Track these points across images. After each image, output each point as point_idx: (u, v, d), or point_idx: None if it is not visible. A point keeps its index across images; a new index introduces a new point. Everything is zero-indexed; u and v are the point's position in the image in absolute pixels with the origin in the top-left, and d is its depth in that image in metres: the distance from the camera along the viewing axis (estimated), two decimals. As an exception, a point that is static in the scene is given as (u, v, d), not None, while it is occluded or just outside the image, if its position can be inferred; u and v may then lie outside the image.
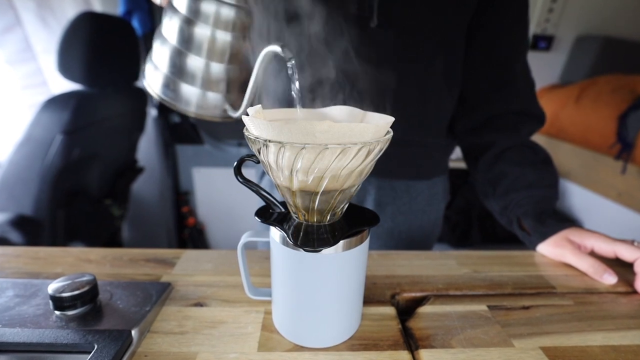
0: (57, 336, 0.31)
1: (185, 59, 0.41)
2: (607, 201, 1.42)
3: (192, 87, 0.42)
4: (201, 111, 0.44)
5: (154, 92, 0.44)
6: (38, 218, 1.02)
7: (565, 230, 0.50)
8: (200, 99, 0.43)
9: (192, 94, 0.43)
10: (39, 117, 0.97)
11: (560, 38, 1.84)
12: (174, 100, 0.43)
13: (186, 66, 0.41)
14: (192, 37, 0.40)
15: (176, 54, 0.41)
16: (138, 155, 1.45)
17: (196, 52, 0.41)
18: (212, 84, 0.43)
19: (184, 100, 0.43)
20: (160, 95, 0.43)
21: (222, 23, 0.39)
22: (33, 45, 1.25)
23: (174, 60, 0.42)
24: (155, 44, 0.43)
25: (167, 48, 0.42)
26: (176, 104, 0.43)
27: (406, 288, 0.43)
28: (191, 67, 0.41)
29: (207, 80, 0.42)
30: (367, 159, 0.27)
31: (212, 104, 0.44)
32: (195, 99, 0.43)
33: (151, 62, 0.44)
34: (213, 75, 0.42)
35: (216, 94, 0.43)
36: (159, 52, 0.43)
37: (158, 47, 0.43)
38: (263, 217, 0.32)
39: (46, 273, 0.44)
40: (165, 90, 0.43)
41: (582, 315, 0.39)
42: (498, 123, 0.58)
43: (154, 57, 0.44)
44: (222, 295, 0.40)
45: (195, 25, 0.39)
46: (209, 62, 0.41)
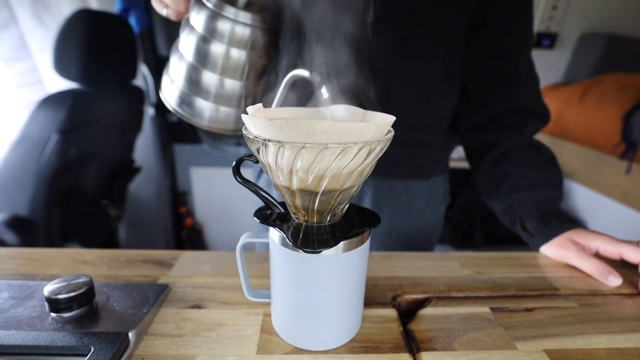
0: (53, 339, 0.31)
1: (200, 75, 0.43)
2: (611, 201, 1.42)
3: (206, 101, 0.44)
4: (213, 125, 0.46)
5: (170, 106, 0.46)
6: (33, 218, 1.02)
7: (569, 231, 0.50)
8: (213, 113, 0.45)
9: (205, 108, 0.45)
10: (35, 116, 0.97)
11: (564, 36, 1.84)
12: (189, 114, 0.45)
13: (201, 82, 0.43)
14: (208, 54, 0.42)
15: (192, 70, 0.43)
16: (135, 155, 1.45)
17: (211, 68, 0.43)
18: (225, 99, 0.44)
19: (197, 114, 0.45)
20: (176, 109, 0.45)
21: (236, 41, 0.41)
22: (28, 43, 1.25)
23: (190, 76, 0.44)
24: (173, 58, 0.45)
25: (184, 63, 0.44)
26: (191, 118, 0.45)
27: (407, 290, 0.43)
28: (205, 83, 0.43)
29: (219, 95, 0.44)
30: (368, 159, 0.27)
31: (225, 118, 0.46)
32: (208, 113, 0.45)
33: (167, 75, 0.46)
34: (226, 91, 0.44)
35: (228, 108, 0.45)
36: (176, 67, 0.45)
37: (175, 62, 0.45)
38: (262, 217, 0.32)
39: (42, 274, 0.43)
40: (180, 103, 0.45)
41: (587, 318, 0.39)
42: (502, 121, 0.58)
43: (170, 71, 0.46)
44: (221, 297, 0.40)
45: (211, 43, 0.41)
46: (222, 78, 0.43)
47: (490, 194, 0.60)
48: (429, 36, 0.52)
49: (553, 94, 1.73)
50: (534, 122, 0.58)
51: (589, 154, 1.51)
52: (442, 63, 0.54)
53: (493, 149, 0.58)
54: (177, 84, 0.45)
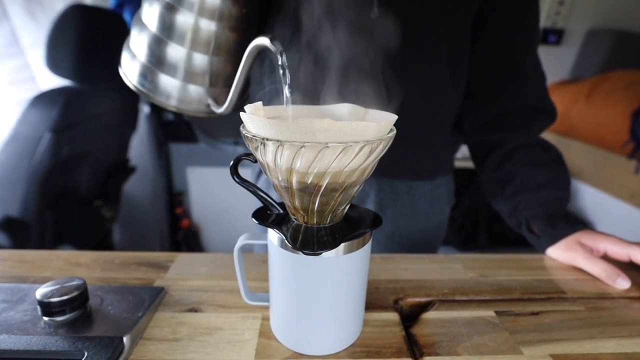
0: (46, 343, 0.31)
1: (165, 48, 0.40)
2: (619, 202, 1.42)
3: (173, 79, 0.41)
4: (183, 105, 0.43)
5: (130, 83, 0.43)
6: (25, 220, 1.02)
7: (577, 233, 0.50)
8: (182, 92, 0.42)
9: (172, 86, 0.41)
10: (27, 114, 0.97)
11: (571, 32, 1.84)
12: (152, 92, 0.42)
13: (166, 56, 0.40)
14: (174, 25, 0.39)
15: (156, 42, 0.40)
16: (130, 154, 1.45)
17: (178, 41, 0.39)
18: (195, 76, 0.41)
19: (164, 92, 0.42)
20: (137, 86, 0.42)
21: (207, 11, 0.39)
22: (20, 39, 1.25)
23: (153, 49, 0.40)
24: (134, 31, 0.42)
25: (146, 35, 0.40)
26: (155, 96, 0.42)
27: (410, 293, 0.43)
28: (172, 57, 0.40)
29: (189, 72, 0.41)
30: (370, 158, 0.27)
31: (195, 97, 0.43)
32: (176, 92, 0.42)
33: (128, 49, 0.43)
34: (196, 67, 0.41)
35: (199, 87, 0.42)
36: (137, 40, 0.41)
37: (136, 34, 0.42)
38: (260, 218, 0.32)
39: (34, 277, 0.44)
40: (142, 80, 0.42)
41: (594, 322, 0.39)
42: (508, 120, 0.58)
43: (132, 44, 0.42)
44: (218, 300, 0.40)
45: (178, 12, 0.38)
46: (191, 52, 0.40)
47: (495, 194, 0.60)
48: (433, 33, 0.52)
49: (559, 92, 1.73)
50: (540, 120, 0.58)
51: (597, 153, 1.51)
52: (447, 60, 0.54)
53: (498, 148, 0.58)
54: (139, 59, 0.42)
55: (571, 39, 1.86)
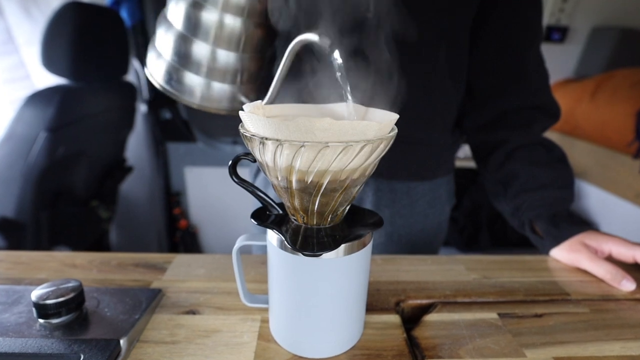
0: (41, 346, 0.31)
1: (190, 46, 0.40)
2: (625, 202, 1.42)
3: (197, 76, 0.41)
4: (206, 103, 0.43)
5: (157, 83, 0.43)
6: (20, 220, 1.02)
7: (581, 234, 0.50)
8: (205, 89, 0.42)
9: (196, 84, 0.42)
10: (22, 113, 0.97)
11: (575, 29, 1.84)
12: (178, 91, 0.42)
13: (192, 54, 0.40)
14: (199, 22, 0.39)
15: (181, 41, 0.40)
16: (127, 154, 1.45)
17: (203, 38, 0.40)
18: (219, 73, 0.42)
19: (188, 91, 0.42)
20: (164, 86, 0.43)
21: (232, 7, 0.39)
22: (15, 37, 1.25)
23: (179, 47, 0.41)
24: (159, 30, 0.42)
25: (172, 34, 0.41)
26: (180, 95, 0.42)
27: (411, 295, 0.43)
28: (197, 55, 0.40)
29: (212, 69, 0.41)
30: (370, 158, 0.27)
31: (226, 95, 0.43)
32: (199, 89, 0.42)
33: (154, 49, 0.43)
34: (220, 64, 0.41)
35: (222, 84, 0.42)
36: (163, 39, 0.42)
37: (162, 33, 0.42)
38: (259, 219, 0.32)
39: (29, 279, 0.44)
40: (169, 79, 0.42)
41: (599, 324, 0.39)
42: (510, 119, 0.58)
43: (157, 43, 0.43)
44: (216, 302, 0.40)
45: (204, 9, 0.39)
46: (215, 49, 0.40)
47: (497, 194, 0.60)
48: (432, 30, 0.52)
49: (563, 90, 1.73)
50: (543, 119, 0.58)
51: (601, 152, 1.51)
52: (446, 58, 0.54)
53: (500, 147, 0.58)
54: (164, 58, 0.42)
55: (575, 37, 1.86)
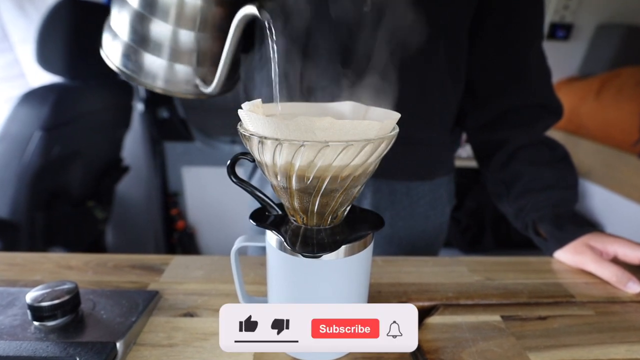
0: (36, 349, 0.31)
1: (148, 25, 0.39)
2: (630, 203, 1.42)
3: (158, 58, 0.40)
4: (170, 87, 0.42)
5: (113, 64, 0.42)
6: (15, 221, 1.02)
7: (585, 235, 0.50)
8: (168, 72, 0.41)
9: (158, 66, 0.41)
10: (16, 112, 0.97)
11: (580, 27, 1.84)
12: (136, 74, 0.41)
13: (150, 33, 0.39)
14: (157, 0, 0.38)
15: (138, 19, 0.39)
16: (123, 154, 1.45)
17: (162, 16, 0.38)
18: (181, 54, 0.40)
19: (149, 73, 0.41)
20: (120, 68, 0.41)
21: None
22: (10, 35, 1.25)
23: (136, 27, 0.39)
24: (114, 9, 0.41)
25: (128, 12, 0.39)
26: (139, 78, 0.41)
27: (413, 297, 0.43)
28: (156, 35, 0.39)
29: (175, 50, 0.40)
30: (371, 158, 0.27)
31: (182, 78, 0.42)
32: (162, 72, 0.41)
33: (109, 29, 0.42)
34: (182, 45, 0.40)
35: (186, 66, 0.41)
36: (119, 18, 0.40)
37: (116, 12, 0.41)
38: (258, 220, 0.32)
39: (24, 281, 0.44)
40: (125, 61, 0.41)
41: (604, 327, 0.39)
42: (512, 118, 0.58)
43: (113, 23, 0.41)
44: (214, 304, 0.40)
45: None
46: (176, 28, 0.39)
47: (500, 195, 0.60)
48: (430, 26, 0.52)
49: (568, 89, 1.73)
50: (545, 117, 0.58)
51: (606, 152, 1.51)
52: (445, 55, 0.54)
53: (503, 147, 0.58)
54: (121, 38, 0.41)
55: (580, 34, 1.86)
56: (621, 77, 1.56)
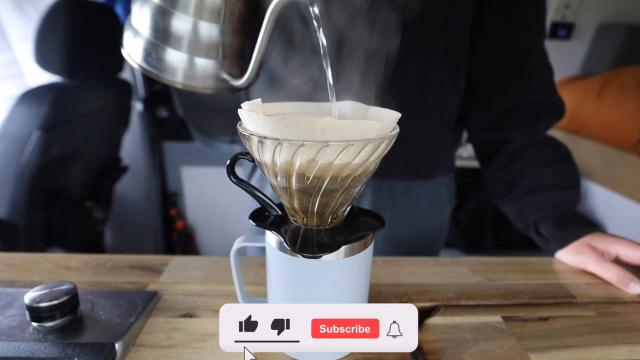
0: (34, 350, 0.31)
1: (169, 19, 0.39)
2: (632, 203, 1.42)
3: (179, 52, 0.40)
4: (190, 82, 0.41)
5: (135, 62, 0.41)
6: (13, 221, 1.02)
7: (587, 235, 0.50)
8: (193, 67, 0.41)
9: (178, 60, 0.40)
10: (15, 111, 0.97)
11: (582, 26, 1.84)
12: (159, 70, 0.41)
13: (171, 28, 0.39)
14: None
15: (159, 14, 0.39)
16: (122, 153, 1.45)
17: (182, 9, 0.38)
18: (202, 48, 0.40)
19: (169, 69, 0.40)
20: (143, 65, 0.41)
21: None
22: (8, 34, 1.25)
23: (157, 22, 0.39)
24: (135, 6, 0.41)
25: (149, 8, 0.39)
26: (161, 75, 0.41)
27: (414, 297, 0.43)
28: (177, 29, 0.39)
29: (199, 44, 0.40)
30: (371, 158, 0.27)
31: (209, 72, 0.41)
32: (187, 67, 0.40)
33: (130, 27, 0.42)
34: (207, 38, 0.40)
35: (207, 60, 0.41)
36: (140, 14, 0.40)
37: (138, 9, 0.40)
38: (258, 220, 0.32)
39: (22, 281, 0.44)
40: (148, 58, 0.40)
41: (605, 327, 0.39)
42: (514, 117, 0.58)
43: (134, 20, 0.41)
44: (214, 305, 0.40)
45: None
46: (197, 21, 0.39)
47: (501, 195, 0.60)
48: (430, 24, 0.52)
49: (569, 88, 1.73)
50: (547, 117, 0.58)
51: (608, 152, 1.51)
52: (445, 53, 0.54)
53: (504, 147, 0.58)
54: (142, 35, 0.40)
55: (581, 33, 1.86)
56: (623, 76, 1.56)
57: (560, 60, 1.87)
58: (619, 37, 1.77)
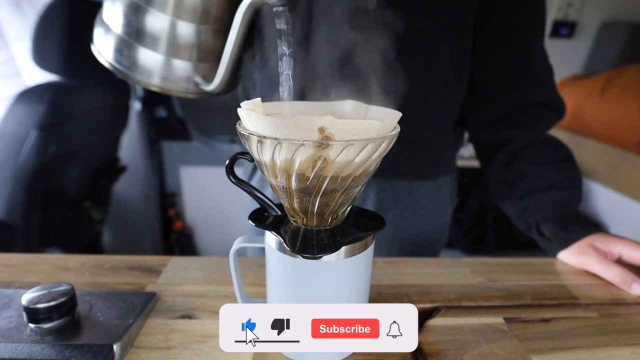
0: (32, 351, 0.31)
1: (144, 17, 0.36)
2: (635, 203, 1.42)
3: (155, 53, 0.38)
4: (167, 84, 0.39)
5: (105, 60, 0.39)
6: (10, 222, 1.02)
7: (590, 236, 0.50)
8: (165, 68, 0.38)
9: (154, 62, 0.38)
10: (12, 111, 0.97)
11: (584, 24, 1.84)
12: (131, 70, 0.39)
13: (146, 26, 0.37)
14: None
15: (133, 11, 0.37)
16: (120, 153, 1.45)
17: (159, 7, 0.36)
18: (180, 49, 0.38)
19: (144, 70, 0.38)
20: (113, 64, 0.39)
21: None
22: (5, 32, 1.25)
23: (130, 19, 0.37)
24: (106, 1, 0.39)
25: (122, 3, 0.37)
26: (134, 75, 0.39)
27: (414, 299, 0.43)
28: (153, 28, 0.37)
29: (173, 44, 0.37)
30: (372, 157, 0.27)
31: (181, 75, 0.39)
32: (158, 68, 0.38)
33: (102, 23, 0.40)
34: (181, 38, 0.37)
35: (185, 62, 0.39)
36: (112, 10, 0.38)
37: (110, 4, 0.38)
38: (258, 220, 0.32)
39: (19, 282, 0.44)
40: (119, 57, 0.38)
41: (608, 329, 0.39)
42: (515, 117, 0.58)
43: (105, 16, 0.39)
44: (213, 306, 0.40)
45: None
46: (175, 20, 0.36)
47: (503, 195, 0.60)
48: (435, 23, 0.52)
49: (572, 87, 1.73)
50: (548, 116, 0.58)
51: (611, 151, 1.51)
52: (449, 53, 0.54)
53: (505, 147, 0.58)
54: (114, 31, 0.38)
55: (584, 32, 1.86)
56: (626, 75, 1.56)
57: (563, 59, 1.87)
58: (622, 36, 1.77)
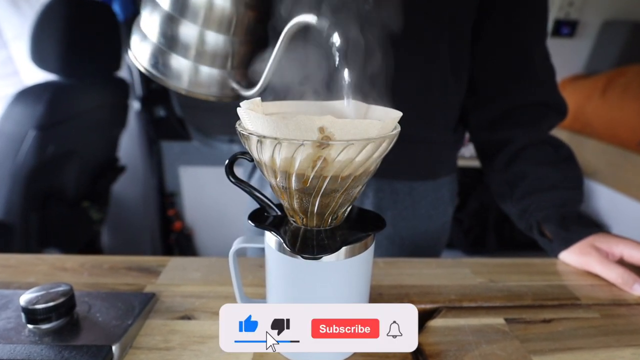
0: (30, 352, 0.31)
1: (178, 27, 0.40)
2: (636, 203, 1.42)
3: (185, 60, 0.42)
4: (194, 88, 0.43)
5: (142, 66, 0.43)
6: (9, 222, 1.02)
7: (591, 236, 0.50)
8: (193, 74, 0.42)
9: (184, 67, 0.42)
10: (10, 110, 0.97)
11: (585, 23, 1.84)
12: (165, 76, 0.42)
13: (179, 35, 0.41)
14: (188, 1, 0.40)
15: (168, 21, 0.41)
16: (119, 153, 1.45)
17: (191, 18, 0.40)
18: (208, 56, 0.42)
19: (175, 75, 0.42)
20: (149, 70, 0.43)
21: None
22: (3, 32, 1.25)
23: (166, 29, 0.41)
24: (144, 10, 0.42)
25: (158, 14, 0.41)
26: (167, 80, 0.43)
27: (415, 299, 0.43)
28: (184, 37, 0.41)
29: (201, 52, 0.42)
30: (372, 157, 0.27)
31: (208, 80, 0.43)
32: (187, 73, 0.42)
33: (139, 31, 0.43)
34: (208, 47, 0.42)
35: (211, 69, 0.43)
36: (148, 19, 0.42)
37: (147, 14, 0.42)
38: (257, 221, 0.32)
39: (18, 283, 0.44)
40: (154, 63, 0.42)
41: (609, 330, 0.39)
42: (516, 117, 0.58)
43: (142, 25, 0.43)
44: (212, 307, 0.40)
45: None
46: (204, 30, 0.41)
47: (504, 195, 0.60)
48: (433, 23, 0.52)
49: (573, 87, 1.73)
50: (550, 116, 0.58)
51: (612, 151, 1.51)
52: (448, 52, 0.54)
53: (506, 147, 0.58)
54: (150, 40, 0.42)
55: (585, 31, 1.86)
56: (627, 75, 1.56)
57: (564, 58, 1.87)
58: (624, 35, 1.77)
